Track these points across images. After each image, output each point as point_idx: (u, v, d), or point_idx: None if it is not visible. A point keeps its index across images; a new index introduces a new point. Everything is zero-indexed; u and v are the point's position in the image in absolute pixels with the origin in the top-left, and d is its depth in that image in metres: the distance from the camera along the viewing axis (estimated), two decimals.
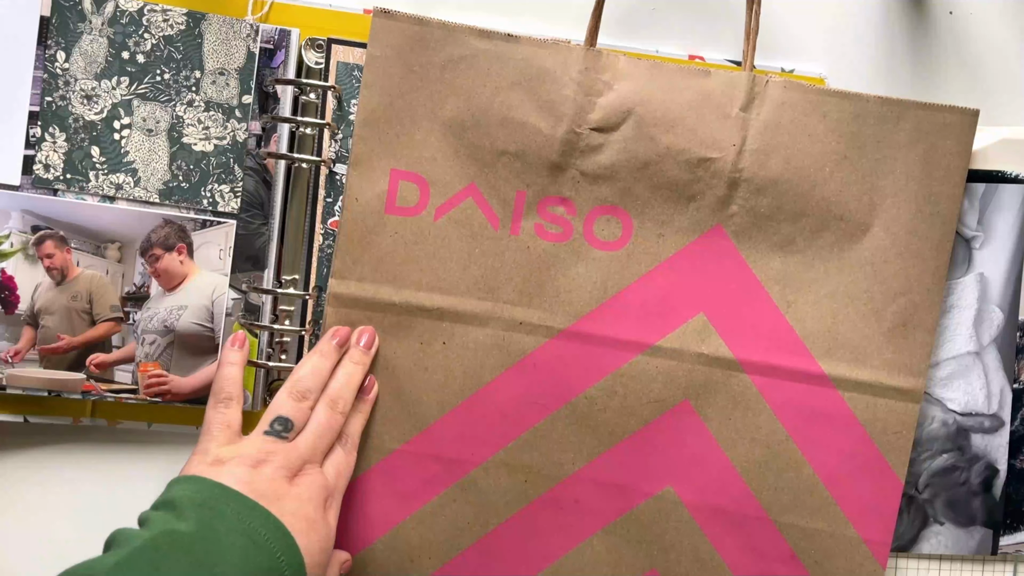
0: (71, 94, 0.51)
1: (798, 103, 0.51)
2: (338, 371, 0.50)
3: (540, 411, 0.52)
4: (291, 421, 0.47)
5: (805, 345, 0.52)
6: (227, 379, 0.48)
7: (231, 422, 0.47)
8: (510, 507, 0.52)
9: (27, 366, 0.51)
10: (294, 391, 0.48)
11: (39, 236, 0.51)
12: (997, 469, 0.56)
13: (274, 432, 0.46)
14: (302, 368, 0.49)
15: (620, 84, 0.51)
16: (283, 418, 0.47)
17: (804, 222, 0.51)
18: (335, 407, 0.48)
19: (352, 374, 0.50)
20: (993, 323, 0.55)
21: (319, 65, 0.54)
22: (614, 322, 0.52)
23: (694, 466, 0.52)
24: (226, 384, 0.48)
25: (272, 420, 0.47)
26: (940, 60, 0.58)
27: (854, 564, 0.52)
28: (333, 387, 0.49)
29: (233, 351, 0.49)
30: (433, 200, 0.51)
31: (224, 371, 0.48)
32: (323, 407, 0.48)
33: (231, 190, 0.53)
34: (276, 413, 0.47)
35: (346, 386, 0.49)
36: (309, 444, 0.47)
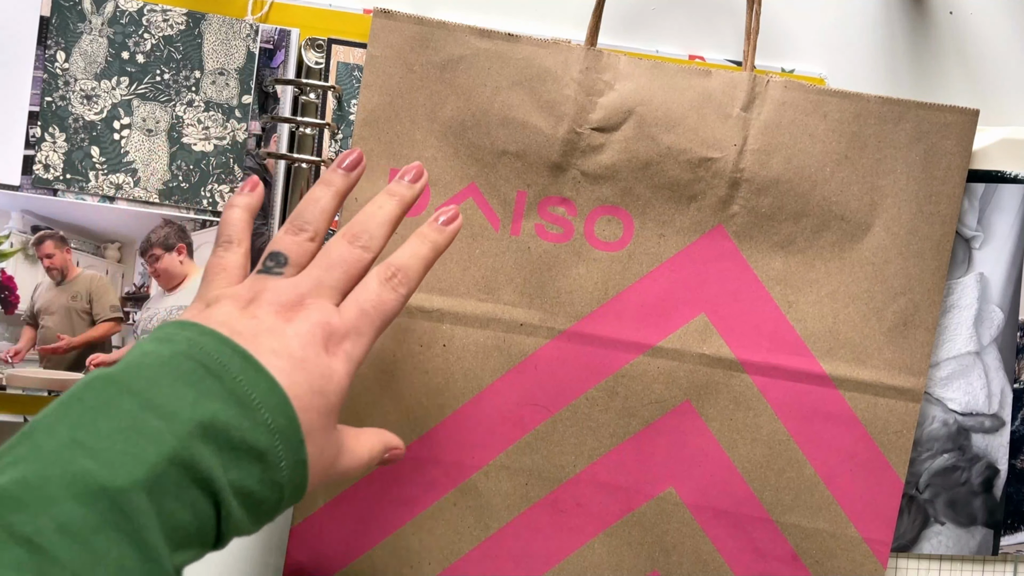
0: (71, 94, 0.51)
1: (799, 103, 0.51)
2: (368, 204, 0.43)
3: (541, 413, 0.52)
4: (283, 255, 0.40)
5: (806, 345, 0.52)
6: (229, 222, 0.43)
7: (228, 265, 0.41)
8: (511, 510, 0.52)
9: (27, 366, 0.51)
10: (291, 225, 0.42)
11: (39, 236, 0.51)
12: (998, 469, 0.56)
13: (265, 269, 0.40)
14: (301, 202, 0.43)
15: (621, 84, 0.51)
16: (275, 252, 0.41)
17: (805, 222, 0.51)
18: (356, 240, 0.41)
19: (383, 206, 0.42)
20: (993, 323, 0.55)
21: (319, 65, 0.54)
22: (615, 323, 0.52)
23: (695, 467, 0.52)
24: (227, 227, 0.42)
25: (265, 257, 0.41)
26: (940, 60, 0.58)
27: (855, 564, 0.52)
28: (357, 218, 0.42)
29: (241, 195, 0.44)
30: (433, 200, 0.51)
31: (227, 214, 0.43)
32: (338, 238, 0.41)
33: (231, 190, 0.53)
34: (270, 249, 0.41)
35: (373, 217, 0.42)
36: (312, 277, 0.40)
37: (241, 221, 0.43)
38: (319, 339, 0.38)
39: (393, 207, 0.42)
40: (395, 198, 0.43)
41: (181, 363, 0.35)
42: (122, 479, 0.31)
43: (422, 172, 0.44)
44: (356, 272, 0.41)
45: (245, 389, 0.35)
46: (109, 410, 0.33)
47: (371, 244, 0.41)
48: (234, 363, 0.36)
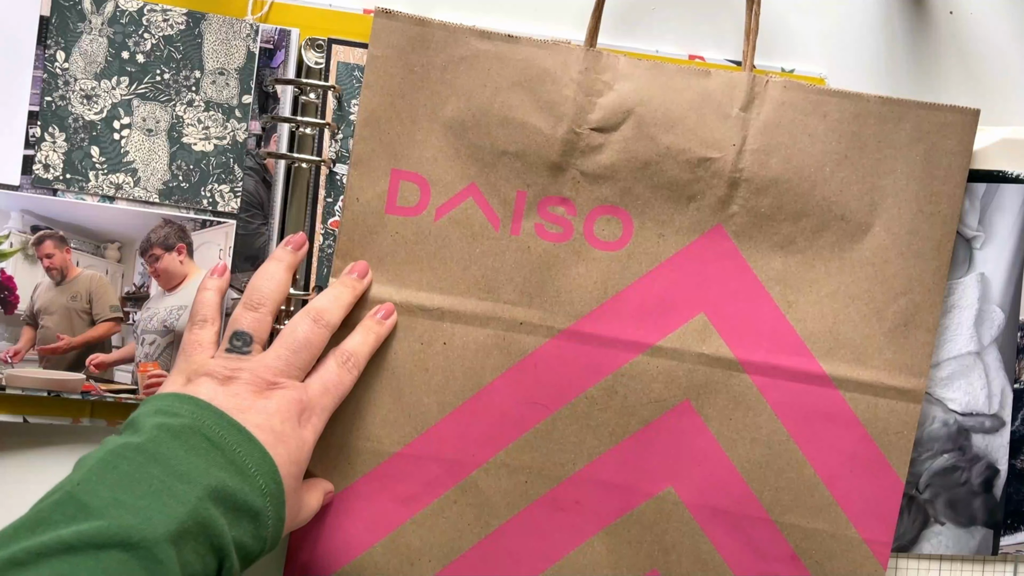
0: (71, 94, 0.51)
1: (798, 103, 0.51)
2: (327, 289, 0.50)
3: (540, 411, 0.52)
4: (248, 334, 0.46)
5: (806, 345, 0.52)
6: (204, 303, 0.48)
7: (203, 342, 0.47)
8: (511, 508, 0.52)
9: (27, 366, 0.51)
10: (248, 300, 0.47)
11: (39, 236, 0.51)
12: (998, 469, 0.56)
13: (234, 349, 0.46)
14: (253, 277, 0.48)
15: (620, 84, 0.51)
16: (239, 332, 0.46)
17: (805, 222, 0.51)
18: (319, 319, 0.47)
19: (340, 295, 0.49)
20: (994, 323, 0.55)
21: (319, 65, 0.54)
22: (615, 322, 0.52)
23: (695, 466, 0.52)
24: (202, 307, 0.48)
25: (230, 336, 0.46)
26: (940, 60, 0.58)
27: (855, 564, 0.52)
28: (319, 300, 0.48)
29: (212, 278, 0.50)
30: (434, 200, 0.51)
31: (201, 295, 0.49)
32: (303, 318, 0.47)
33: (231, 190, 0.53)
34: (232, 328, 0.46)
35: (333, 301, 0.49)
36: (282, 358, 0.46)
37: (213, 302, 0.49)
38: (294, 414, 0.45)
39: (348, 295, 0.49)
40: (347, 288, 0.50)
41: (190, 436, 0.41)
42: (157, 532, 0.37)
43: (366, 270, 0.51)
44: (318, 351, 0.47)
45: (243, 459, 0.42)
46: (142, 476, 0.39)
47: (330, 324, 0.48)
48: (231, 435, 0.42)
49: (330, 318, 0.48)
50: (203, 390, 0.44)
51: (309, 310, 0.47)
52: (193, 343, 0.47)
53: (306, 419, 0.46)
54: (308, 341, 0.47)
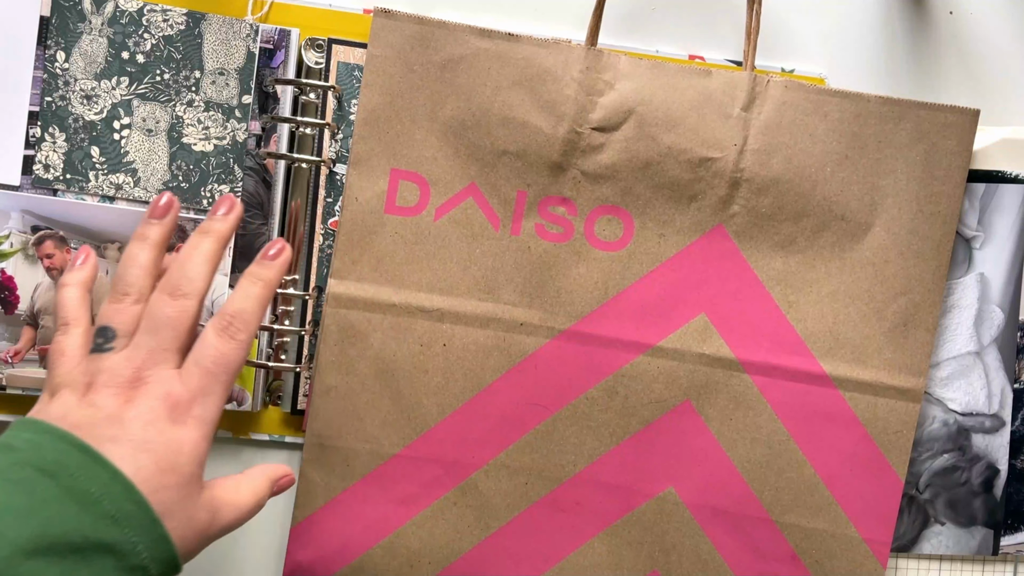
0: (71, 94, 0.51)
1: (799, 103, 0.51)
2: (183, 248, 0.41)
3: (541, 412, 0.52)
4: (111, 329, 0.39)
5: (806, 345, 0.52)
6: (62, 304, 0.41)
7: (66, 348, 0.40)
8: (511, 509, 0.52)
9: (27, 366, 0.51)
10: (113, 292, 0.40)
11: (39, 236, 0.51)
12: (998, 469, 0.56)
13: (96, 347, 0.39)
14: (120, 263, 0.41)
15: (621, 84, 0.51)
16: (102, 328, 0.39)
17: (805, 222, 0.51)
18: (176, 291, 0.39)
19: (198, 245, 0.41)
20: (994, 323, 0.55)
21: (319, 65, 0.54)
22: (615, 322, 0.52)
23: (695, 466, 0.52)
24: (61, 309, 0.41)
25: (94, 335, 0.40)
26: (940, 60, 0.58)
27: (855, 564, 0.52)
28: (172, 268, 0.40)
29: (72, 271, 0.42)
30: (433, 200, 0.51)
31: (60, 294, 0.42)
32: (157, 295, 0.40)
33: (231, 190, 0.53)
34: (97, 324, 0.40)
35: (186, 262, 0.40)
36: (143, 346, 0.39)
37: (74, 299, 0.41)
38: (163, 415, 0.38)
39: (209, 245, 0.41)
40: (209, 235, 0.41)
41: (15, 472, 0.35)
42: None
43: (234, 202, 0.43)
44: (186, 325, 0.40)
45: (83, 485, 0.35)
46: None
47: (192, 290, 0.40)
48: (71, 459, 0.36)
49: (191, 280, 0.40)
50: (55, 408, 0.38)
51: (164, 282, 0.40)
52: (55, 353, 0.40)
53: (182, 413, 0.38)
54: (167, 317, 0.39)
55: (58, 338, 0.40)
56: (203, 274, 0.40)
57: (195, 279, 0.40)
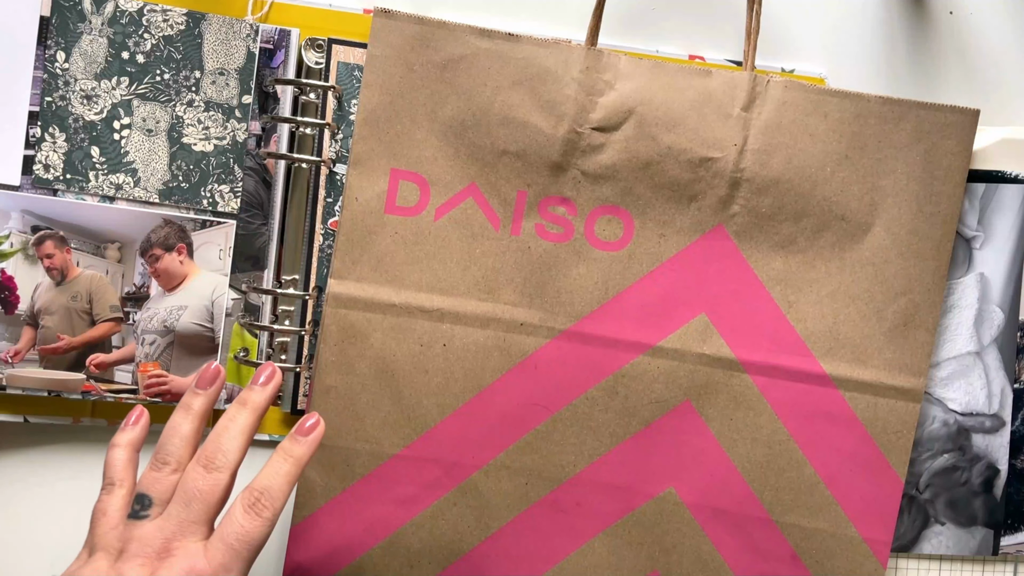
0: (71, 94, 0.51)
1: (799, 103, 0.51)
2: (220, 418, 0.43)
3: (541, 413, 0.52)
4: (148, 497, 0.41)
5: (806, 345, 0.52)
6: (110, 464, 0.43)
7: (108, 509, 0.42)
8: (511, 510, 0.52)
9: (27, 366, 0.51)
10: (154, 459, 0.42)
11: (39, 236, 0.51)
12: (998, 469, 0.56)
13: (133, 513, 0.41)
14: (164, 431, 0.43)
15: (621, 84, 0.51)
16: (140, 495, 0.41)
17: (805, 222, 0.51)
18: (210, 464, 0.41)
19: (234, 418, 0.43)
20: (994, 323, 0.55)
21: (319, 65, 0.54)
22: (615, 323, 0.52)
23: (696, 467, 0.52)
24: (108, 469, 0.43)
25: (132, 500, 0.42)
26: (940, 60, 0.58)
27: (855, 564, 0.52)
28: (210, 439, 0.42)
29: (122, 432, 0.45)
30: (433, 200, 0.51)
31: (109, 455, 0.44)
32: (193, 465, 0.42)
33: (231, 190, 0.53)
34: (137, 490, 0.42)
35: (222, 434, 0.42)
36: (175, 517, 0.41)
37: (122, 461, 0.43)
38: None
39: (246, 418, 0.43)
40: (247, 408, 0.43)
41: None
42: None
43: (275, 372, 0.45)
44: (217, 497, 0.41)
45: None
46: None
47: (225, 463, 0.42)
48: None
49: (225, 459, 0.42)
50: (88, 573, 0.40)
51: (200, 454, 0.42)
52: (98, 512, 0.42)
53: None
54: (199, 491, 0.41)
55: (102, 497, 0.42)
56: (238, 447, 0.42)
57: (229, 452, 0.42)
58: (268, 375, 0.45)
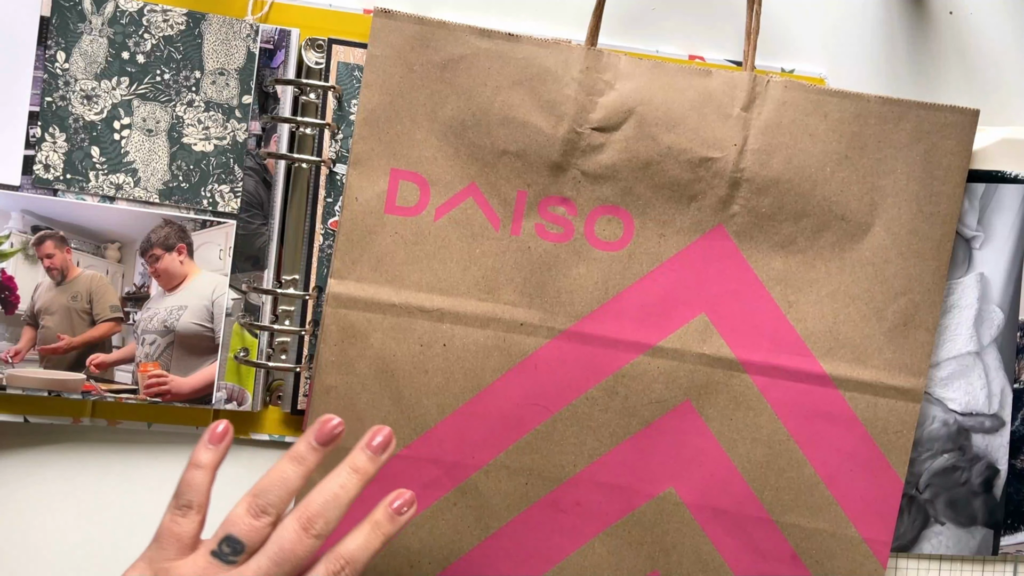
0: (71, 94, 0.51)
1: (799, 103, 0.51)
2: (328, 477, 0.41)
3: (541, 413, 0.52)
4: (241, 543, 0.40)
5: (806, 345, 0.52)
6: (191, 485, 0.41)
7: (183, 534, 0.40)
8: (511, 510, 0.52)
9: (27, 366, 0.51)
10: (253, 505, 0.40)
11: (39, 236, 0.51)
12: (998, 469, 0.56)
13: (220, 555, 0.40)
14: (268, 475, 0.41)
15: (621, 84, 0.51)
16: (232, 539, 0.40)
17: (805, 222, 0.51)
18: (310, 527, 0.40)
19: (344, 486, 0.41)
20: (993, 323, 0.55)
21: (319, 65, 0.54)
22: (615, 322, 0.52)
23: (695, 467, 0.52)
24: (188, 490, 0.41)
25: (221, 540, 0.40)
26: (940, 60, 0.58)
27: (855, 564, 0.52)
28: (314, 499, 0.41)
29: (207, 450, 0.42)
30: (433, 200, 0.51)
31: (190, 474, 0.42)
32: (291, 522, 0.40)
33: (231, 190, 0.53)
34: (227, 531, 0.40)
35: (331, 502, 0.41)
36: (261, 570, 0.39)
37: (203, 484, 0.42)
38: None
39: (354, 487, 0.41)
40: (357, 475, 0.42)
41: None
42: None
43: (390, 440, 0.43)
44: (305, 561, 0.40)
45: None
46: None
47: (325, 531, 0.40)
48: None
49: (324, 527, 0.40)
50: None
51: (301, 512, 0.40)
52: (170, 533, 0.40)
53: None
54: (293, 553, 0.40)
55: (177, 519, 0.41)
56: (338, 518, 0.41)
57: (331, 522, 0.40)
58: (383, 442, 0.42)
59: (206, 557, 0.40)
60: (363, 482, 0.42)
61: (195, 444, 0.49)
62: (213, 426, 0.42)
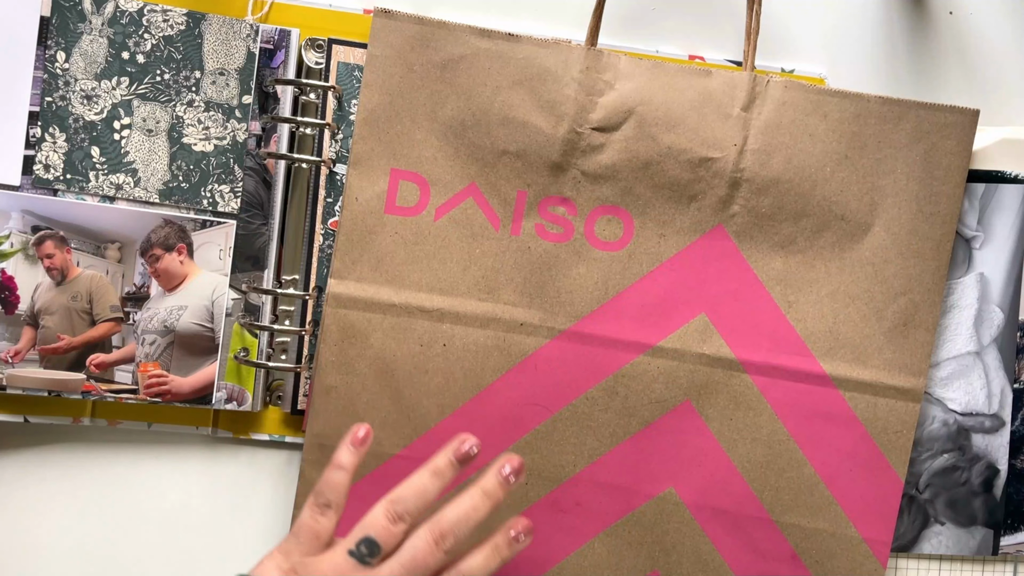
0: (71, 94, 0.51)
1: (799, 103, 0.51)
2: (462, 497, 0.44)
3: (541, 413, 0.52)
4: (379, 545, 0.42)
5: (806, 345, 0.52)
6: (332, 485, 0.44)
7: (321, 532, 0.43)
8: (511, 510, 0.52)
9: (27, 366, 0.51)
10: (391, 511, 0.43)
11: (39, 236, 0.51)
12: (998, 469, 0.56)
13: (358, 554, 0.42)
14: (407, 485, 0.44)
15: (621, 84, 0.51)
16: (371, 540, 0.42)
17: (805, 222, 0.51)
18: (441, 542, 0.42)
19: (477, 508, 0.43)
20: (993, 323, 0.55)
21: (319, 65, 0.54)
22: (615, 322, 0.52)
23: (695, 467, 0.52)
24: (328, 489, 0.44)
25: (359, 541, 0.42)
26: (940, 60, 0.58)
27: (855, 564, 0.52)
28: (448, 516, 0.43)
29: (350, 452, 0.45)
30: (433, 200, 0.51)
31: (332, 475, 0.44)
32: (425, 534, 0.42)
33: (231, 190, 0.53)
34: (365, 532, 0.42)
35: (463, 520, 0.43)
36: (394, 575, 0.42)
37: (343, 486, 0.44)
38: None
39: (484, 510, 0.43)
40: (489, 499, 0.44)
41: None
42: None
43: (521, 468, 0.45)
44: (433, 573, 0.42)
45: None
46: None
47: (455, 547, 0.43)
48: None
49: (455, 543, 0.43)
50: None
51: (435, 526, 0.43)
52: (309, 529, 0.43)
53: None
54: (425, 564, 0.42)
55: (317, 517, 0.43)
56: (468, 537, 0.43)
57: (460, 539, 0.43)
58: (516, 469, 0.44)
59: (343, 555, 0.42)
60: (493, 506, 0.44)
61: (199, 444, 0.49)
62: (355, 430, 0.45)
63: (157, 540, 0.55)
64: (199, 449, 0.55)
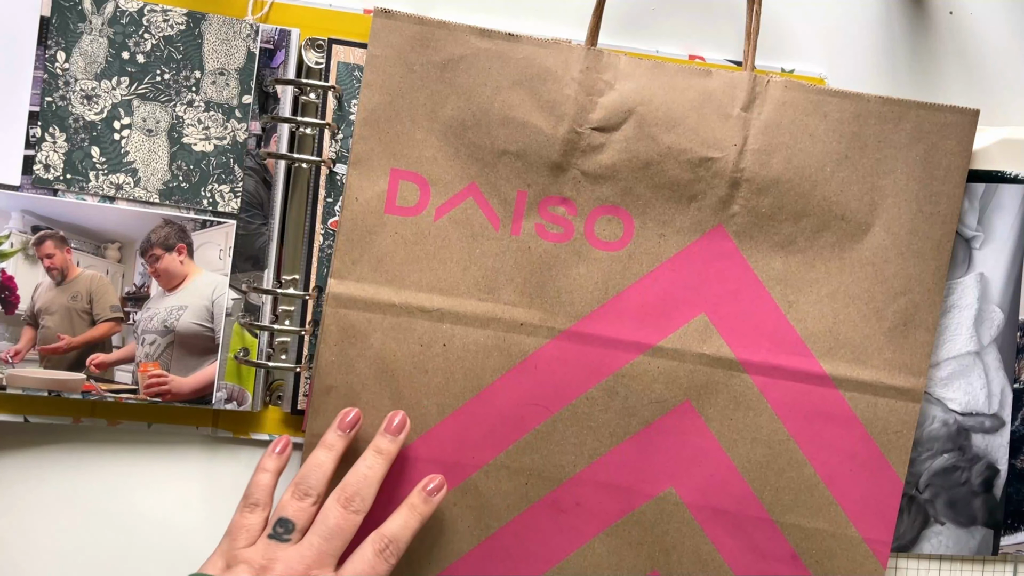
0: (71, 94, 0.51)
1: (799, 103, 0.51)
2: (357, 463, 0.48)
3: (541, 413, 0.52)
4: (291, 522, 0.46)
5: (806, 345, 0.52)
6: (257, 485, 0.48)
7: (250, 526, 0.47)
8: (511, 510, 0.52)
9: (27, 366, 0.51)
10: (296, 490, 0.47)
11: (39, 236, 0.51)
12: (998, 469, 0.56)
13: (275, 535, 0.46)
14: (304, 465, 0.48)
15: (621, 84, 0.51)
16: (283, 519, 0.46)
17: (805, 222, 0.51)
18: (348, 505, 0.47)
19: (372, 467, 0.48)
20: (993, 323, 0.55)
21: (319, 65, 0.54)
22: (615, 322, 0.52)
23: (695, 466, 0.52)
24: (255, 490, 0.48)
25: (275, 523, 0.46)
26: (940, 60, 0.58)
27: (855, 564, 0.52)
28: (349, 481, 0.47)
29: (271, 457, 0.50)
30: (433, 200, 0.51)
31: (257, 477, 0.49)
32: (333, 503, 0.47)
33: (231, 190, 0.53)
34: (279, 514, 0.47)
35: (363, 481, 0.47)
36: (315, 547, 0.45)
37: (268, 486, 0.49)
38: None
39: (381, 467, 0.48)
40: (382, 456, 0.49)
41: None
42: None
43: (405, 422, 0.50)
44: (351, 536, 0.46)
45: None
46: None
47: (363, 507, 0.47)
48: None
49: (361, 503, 0.47)
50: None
51: (340, 493, 0.47)
52: (239, 526, 0.47)
53: None
54: (339, 528, 0.46)
55: (246, 514, 0.47)
56: (373, 495, 0.47)
57: (367, 498, 0.47)
58: (399, 424, 0.50)
59: (264, 540, 0.46)
60: (388, 462, 0.49)
61: (199, 444, 0.50)
62: (276, 440, 0.50)
63: (157, 540, 0.55)
64: (199, 449, 0.55)
